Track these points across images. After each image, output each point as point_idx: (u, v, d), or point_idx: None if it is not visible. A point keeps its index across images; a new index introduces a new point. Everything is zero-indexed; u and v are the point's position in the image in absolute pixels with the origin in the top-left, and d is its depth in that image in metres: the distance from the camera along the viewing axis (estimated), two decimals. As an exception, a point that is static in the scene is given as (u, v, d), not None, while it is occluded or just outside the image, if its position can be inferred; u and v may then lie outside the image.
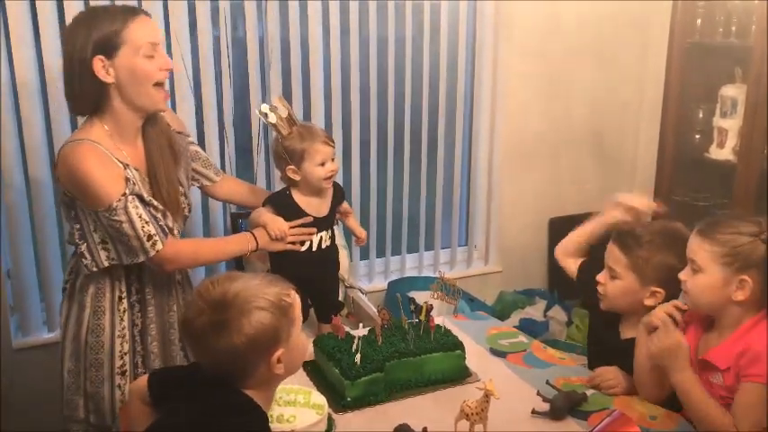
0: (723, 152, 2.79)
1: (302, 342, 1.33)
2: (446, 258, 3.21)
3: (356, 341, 1.68)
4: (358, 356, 1.64)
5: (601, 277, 1.79)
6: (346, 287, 2.44)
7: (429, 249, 3.17)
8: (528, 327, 2.88)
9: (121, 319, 1.82)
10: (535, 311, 3.01)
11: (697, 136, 2.91)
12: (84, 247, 1.74)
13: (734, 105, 2.73)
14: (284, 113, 1.92)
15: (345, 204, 2.13)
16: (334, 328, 1.78)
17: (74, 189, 1.69)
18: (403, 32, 2.81)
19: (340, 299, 2.40)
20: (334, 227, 2.10)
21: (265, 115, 1.90)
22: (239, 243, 1.90)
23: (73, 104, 1.75)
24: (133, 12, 1.69)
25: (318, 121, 2.73)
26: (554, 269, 3.31)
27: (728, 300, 1.50)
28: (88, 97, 1.69)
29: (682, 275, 1.56)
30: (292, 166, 1.93)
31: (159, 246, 1.71)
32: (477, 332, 2.00)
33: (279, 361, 1.25)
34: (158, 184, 1.78)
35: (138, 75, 1.67)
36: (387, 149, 2.91)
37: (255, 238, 1.89)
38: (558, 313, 3.04)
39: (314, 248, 1.99)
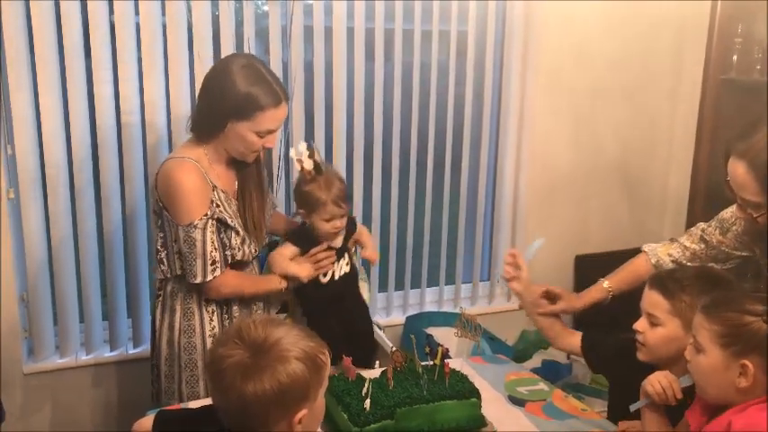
0: (759, 194, 2.67)
1: (323, 407, 1.29)
2: (467, 293, 3.13)
3: (366, 385, 1.61)
4: (368, 402, 1.57)
5: (639, 325, 1.67)
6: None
7: (450, 283, 3.09)
8: (551, 369, 2.78)
9: (211, 320, 1.98)
10: (558, 353, 2.89)
11: (731, 176, 2.80)
12: (164, 254, 1.95)
13: (771, 145, 2.62)
14: (310, 165, 2.03)
15: (359, 230, 2.21)
16: (345, 370, 1.72)
17: (166, 200, 1.89)
18: (429, 60, 2.78)
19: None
20: (353, 259, 2.19)
21: (299, 161, 2.02)
22: (273, 283, 2.03)
23: (192, 126, 1.96)
24: (279, 98, 1.88)
25: (340, 148, 2.69)
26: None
27: (733, 386, 1.33)
28: (206, 129, 1.92)
29: (687, 354, 1.44)
30: (303, 211, 2.07)
31: (217, 272, 1.90)
32: (495, 377, 1.92)
33: (300, 422, 1.19)
34: (249, 211, 2.00)
35: (244, 143, 1.91)
36: (408, 179, 2.85)
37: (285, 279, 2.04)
38: (582, 355, 2.93)
39: (335, 278, 2.09)
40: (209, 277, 1.89)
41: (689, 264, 1.94)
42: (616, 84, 3.07)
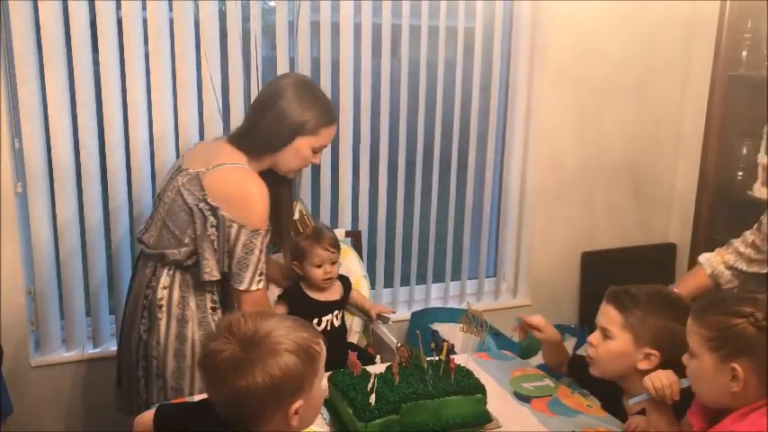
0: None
1: (320, 397, 1.29)
2: (473, 289, 3.12)
3: (372, 380, 1.61)
4: (373, 396, 1.57)
5: (593, 338, 1.70)
6: (365, 319, 2.39)
7: (455, 279, 3.08)
8: (556, 365, 2.76)
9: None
10: (564, 349, 2.89)
11: (740, 173, 2.78)
12: (218, 255, 1.88)
13: (781, 143, 2.60)
14: (296, 215, 2.16)
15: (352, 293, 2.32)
16: (350, 365, 1.71)
17: (235, 203, 1.84)
18: (436, 55, 2.77)
19: (360, 329, 2.37)
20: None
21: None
22: None
23: (246, 141, 1.93)
24: (335, 116, 1.99)
25: (346, 143, 2.69)
26: (585, 305, 3.22)
27: (727, 390, 1.30)
28: (265, 144, 1.92)
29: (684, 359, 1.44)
30: (296, 263, 2.17)
31: (261, 285, 1.89)
32: (500, 373, 1.92)
33: (296, 413, 1.19)
34: (286, 226, 2.06)
35: (300, 158, 1.96)
36: (415, 175, 2.85)
37: None
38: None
39: (327, 328, 2.18)
40: (254, 287, 1.88)
41: (747, 269, 1.96)
42: (623, 81, 3.06)
